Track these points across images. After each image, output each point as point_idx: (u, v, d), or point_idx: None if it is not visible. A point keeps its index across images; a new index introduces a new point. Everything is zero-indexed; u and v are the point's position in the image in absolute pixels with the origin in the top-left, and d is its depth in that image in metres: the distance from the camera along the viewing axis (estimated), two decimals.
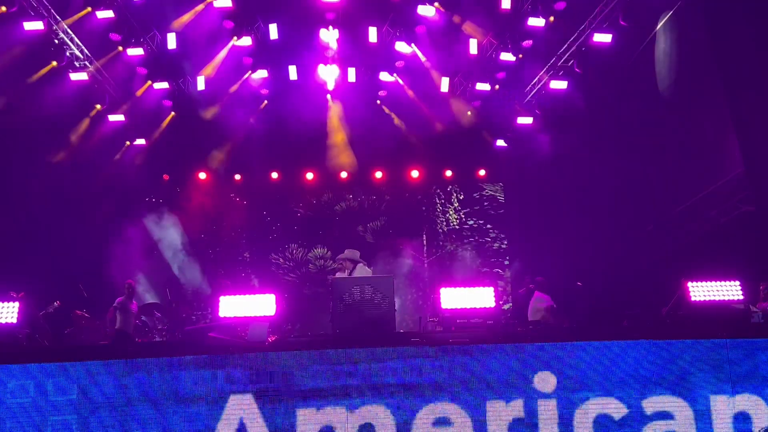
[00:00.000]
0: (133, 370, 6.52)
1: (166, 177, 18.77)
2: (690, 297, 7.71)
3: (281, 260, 18.77)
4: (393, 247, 18.75)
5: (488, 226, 19.35)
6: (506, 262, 19.11)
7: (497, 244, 19.25)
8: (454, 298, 7.82)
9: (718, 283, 7.78)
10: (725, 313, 7.64)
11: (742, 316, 7.81)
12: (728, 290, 7.77)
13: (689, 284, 7.75)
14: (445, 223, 19.41)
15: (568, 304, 11.37)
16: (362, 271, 10.87)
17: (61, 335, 12.22)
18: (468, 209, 19.49)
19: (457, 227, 19.37)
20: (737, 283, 7.78)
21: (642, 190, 15.63)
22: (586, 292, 11.43)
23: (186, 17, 15.18)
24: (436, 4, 15.23)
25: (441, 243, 19.25)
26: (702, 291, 7.73)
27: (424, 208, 19.49)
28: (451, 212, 19.48)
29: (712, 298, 7.70)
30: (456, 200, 19.55)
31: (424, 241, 19.26)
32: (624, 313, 10.12)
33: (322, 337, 8.32)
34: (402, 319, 16.74)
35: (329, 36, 16.06)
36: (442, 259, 19.07)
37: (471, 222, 19.39)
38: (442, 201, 19.56)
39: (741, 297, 7.75)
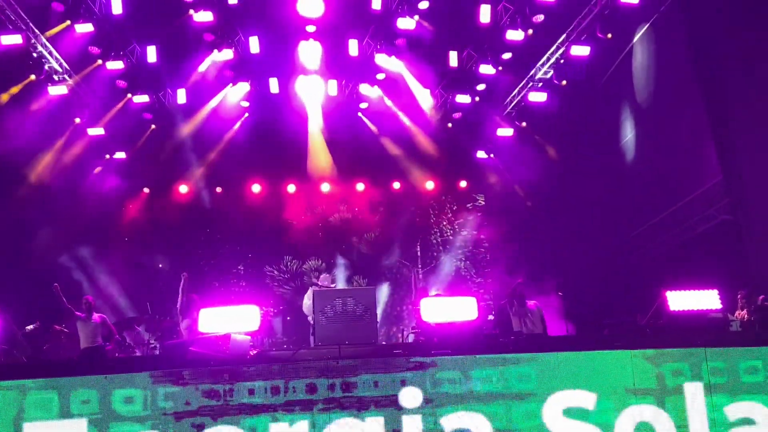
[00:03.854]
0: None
1: (146, 190, 18.62)
2: (669, 306, 7.75)
3: (276, 272, 18.64)
4: (387, 258, 18.82)
5: (482, 236, 19.38)
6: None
7: (490, 255, 19.23)
8: (436, 309, 7.79)
9: (697, 292, 7.79)
10: (704, 322, 7.68)
11: (721, 325, 7.85)
12: (706, 299, 7.78)
13: (668, 293, 7.78)
14: (438, 234, 19.41)
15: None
16: None
17: (40, 351, 12.03)
18: (461, 220, 19.52)
19: (450, 237, 19.39)
20: (715, 292, 7.80)
21: (621, 199, 15.77)
22: (566, 301, 11.47)
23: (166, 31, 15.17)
24: (416, 17, 15.29)
25: (435, 254, 19.26)
26: (680, 300, 7.74)
27: (417, 219, 19.46)
28: (444, 223, 19.49)
29: (691, 307, 7.71)
30: (449, 211, 19.57)
31: (419, 252, 19.26)
32: (604, 323, 10.17)
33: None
34: (398, 329, 16.75)
35: (310, 49, 16.09)
36: (437, 269, 19.04)
37: (464, 232, 19.41)
38: (436, 212, 19.54)
39: (719, 306, 7.78)
